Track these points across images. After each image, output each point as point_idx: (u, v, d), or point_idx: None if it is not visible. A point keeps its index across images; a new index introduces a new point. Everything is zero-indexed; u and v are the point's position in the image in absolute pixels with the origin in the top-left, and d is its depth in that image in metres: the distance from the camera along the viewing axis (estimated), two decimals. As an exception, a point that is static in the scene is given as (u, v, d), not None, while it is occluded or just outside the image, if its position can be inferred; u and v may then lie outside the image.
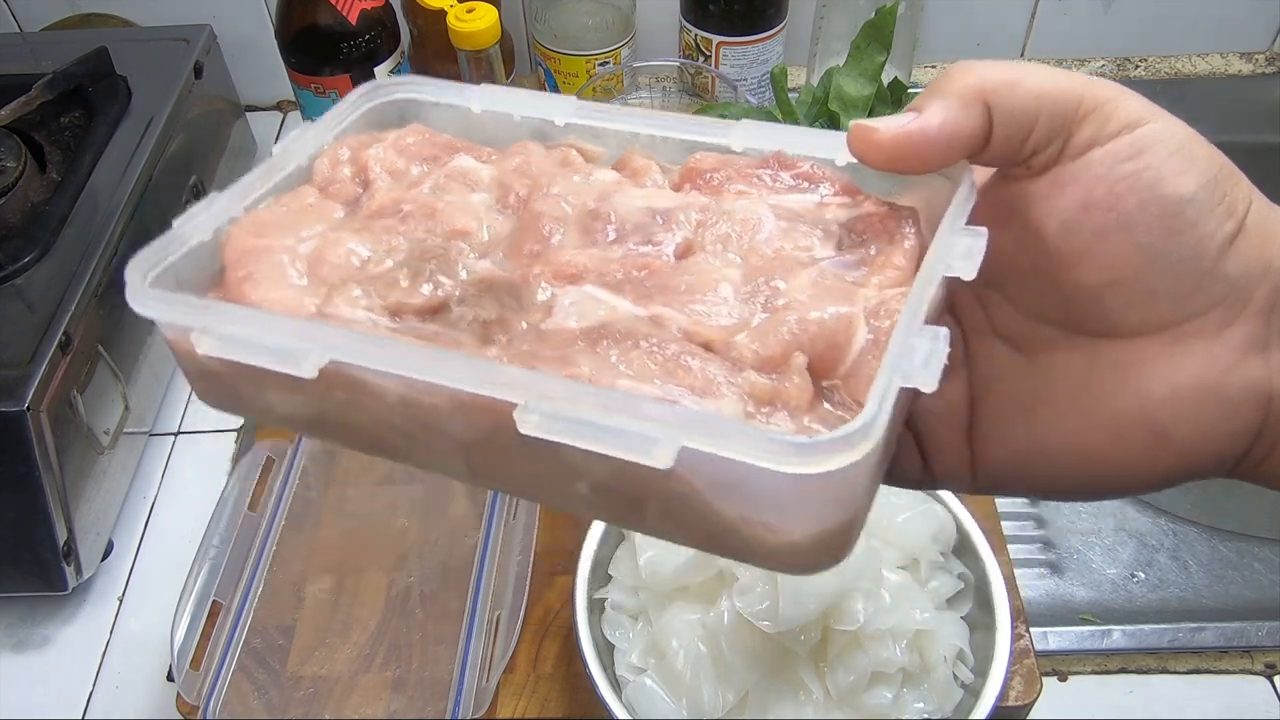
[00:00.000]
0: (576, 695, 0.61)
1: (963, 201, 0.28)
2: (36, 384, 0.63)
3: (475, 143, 0.35)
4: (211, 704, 0.59)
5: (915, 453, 0.32)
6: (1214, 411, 0.27)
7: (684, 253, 0.30)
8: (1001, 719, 0.56)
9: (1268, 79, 1.10)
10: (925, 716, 0.53)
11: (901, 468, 0.32)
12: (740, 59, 0.90)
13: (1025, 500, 0.79)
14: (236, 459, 0.78)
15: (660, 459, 0.23)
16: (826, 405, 0.26)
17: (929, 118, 0.27)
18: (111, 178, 0.78)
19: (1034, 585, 0.73)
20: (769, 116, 0.74)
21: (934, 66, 1.11)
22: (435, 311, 0.29)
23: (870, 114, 0.73)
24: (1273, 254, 0.26)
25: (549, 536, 0.68)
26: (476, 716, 0.59)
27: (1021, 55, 1.11)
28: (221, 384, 0.30)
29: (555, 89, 0.96)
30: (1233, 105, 1.08)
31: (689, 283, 0.28)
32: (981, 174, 0.29)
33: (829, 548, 0.26)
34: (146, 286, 0.28)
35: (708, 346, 0.27)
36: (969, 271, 0.26)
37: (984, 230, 0.27)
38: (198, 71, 0.90)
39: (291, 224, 0.31)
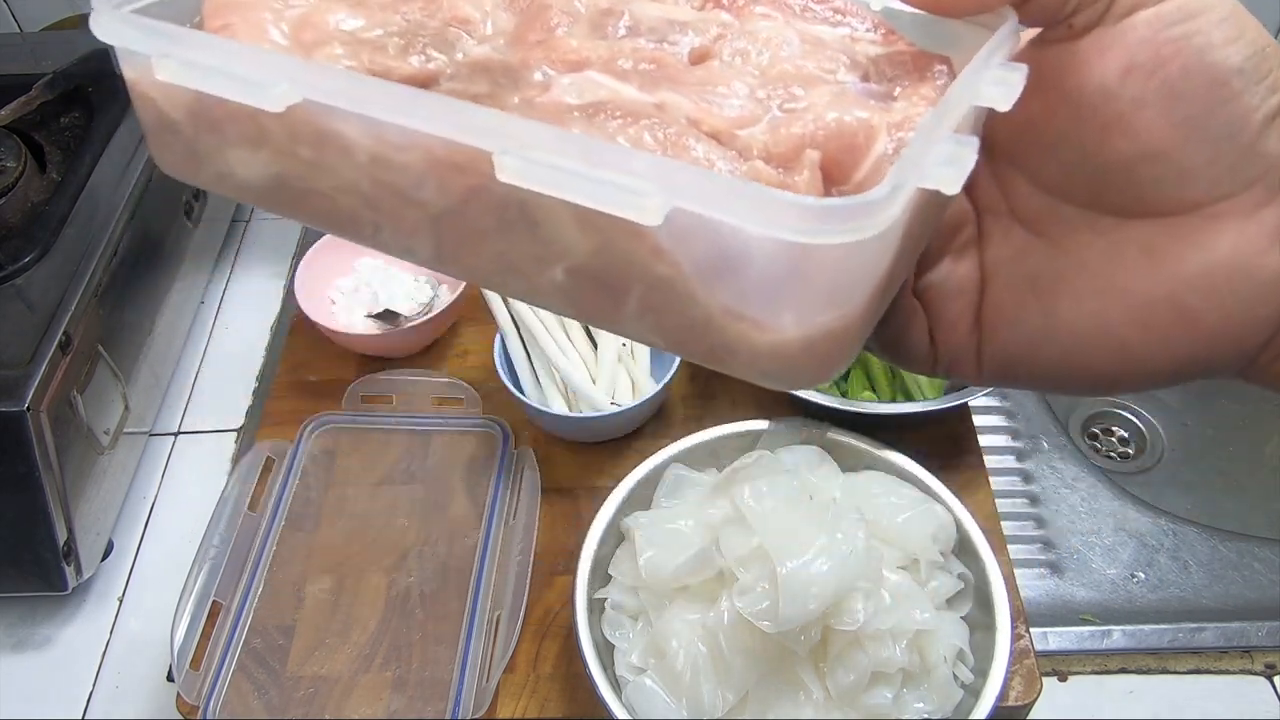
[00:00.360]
0: (576, 695, 0.61)
1: (1003, 38, 0.26)
2: (36, 384, 0.63)
3: None
4: (211, 704, 0.59)
5: (924, 327, 0.31)
6: (1245, 294, 0.26)
7: (699, 59, 0.28)
8: (1001, 719, 0.56)
9: (1267, 79, 1.10)
10: (925, 716, 0.53)
11: (910, 341, 0.31)
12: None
13: (1025, 500, 0.79)
14: (236, 459, 0.78)
15: (650, 214, 0.21)
16: None
17: None
18: (111, 178, 0.78)
19: (1034, 585, 0.73)
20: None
21: (934, 67, 1.11)
22: (423, 85, 0.27)
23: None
24: None
25: (549, 536, 0.68)
26: (476, 716, 0.59)
27: (1021, 55, 1.10)
28: (181, 138, 0.28)
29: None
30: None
31: (700, 78, 0.26)
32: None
33: (818, 356, 0.24)
34: (116, 10, 0.26)
35: (715, 137, 0.25)
36: (1004, 101, 0.25)
37: (1024, 67, 0.25)
38: (198, 71, 0.90)
39: None
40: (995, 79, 0.25)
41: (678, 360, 0.70)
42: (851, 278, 0.23)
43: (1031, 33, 0.28)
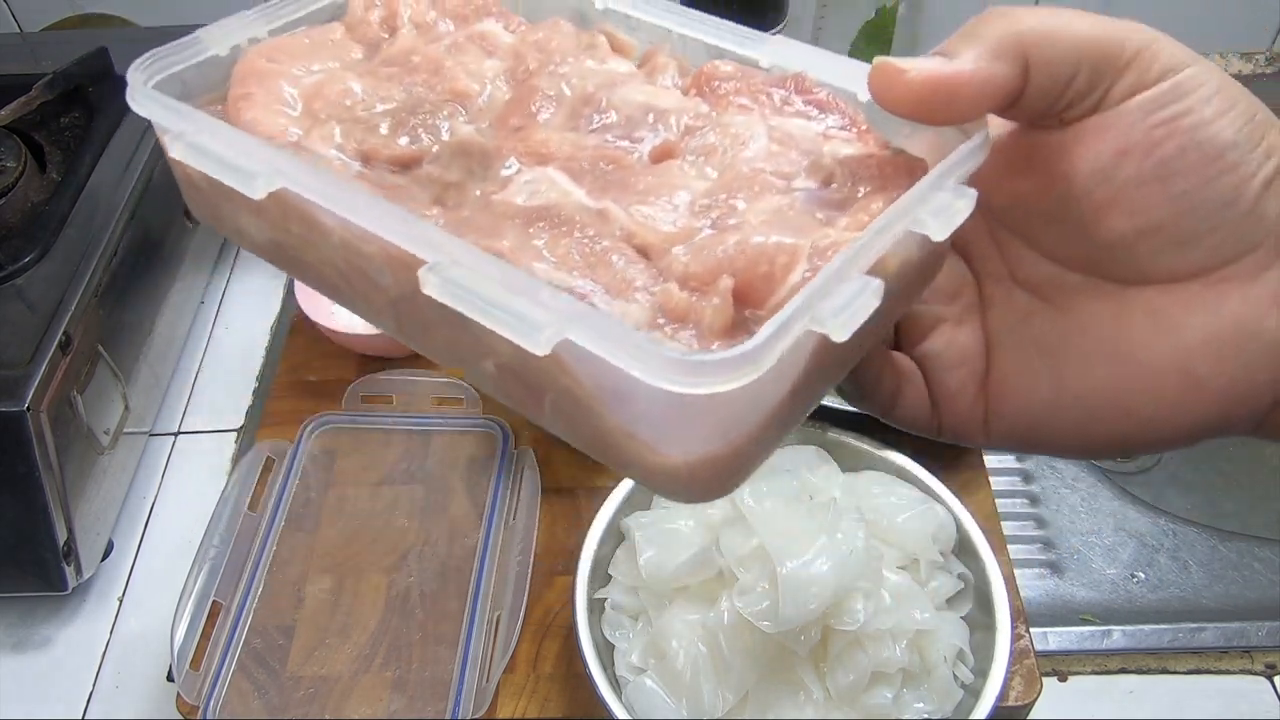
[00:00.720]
0: (576, 695, 0.61)
1: (964, 156, 0.26)
2: (36, 384, 0.63)
3: (513, 11, 0.35)
4: (211, 704, 0.59)
5: (924, 398, 0.31)
6: (1252, 357, 0.26)
7: (660, 156, 0.29)
8: (1001, 719, 0.56)
9: (1268, 79, 1.10)
10: (925, 717, 0.53)
11: (911, 414, 0.31)
12: (740, 59, 0.90)
13: (1025, 500, 0.79)
14: (236, 459, 0.78)
15: (540, 345, 0.22)
16: (747, 338, 0.25)
17: (962, 64, 0.25)
18: (111, 178, 0.78)
19: (1034, 585, 0.73)
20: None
21: (934, 66, 1.11)
22: (407, 165, 0.29)
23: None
24: None
25: (549, 536, 0.68)
26: (476, 716, 0.59)
27: (1021, 55, 1.10)
28: (205, 197, 0.32)
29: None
30: (1233, 105, 1.07)
31: (650, 184, 0.28)
32: (1002, 123, 0.28)
33: (708, 480, 0.25)
34: (145, 86, 0.30)
35: (644, 251, 0.26)
36: (939, 231, 0.25)
37: (973, 192, 0.25)
38: (198, 71, 0.90)
39: (306, 55, 0.32)
40: (937, 208, 0.25)
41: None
42: (734, 416, 0.24)
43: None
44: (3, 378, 0.63)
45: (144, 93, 0.29)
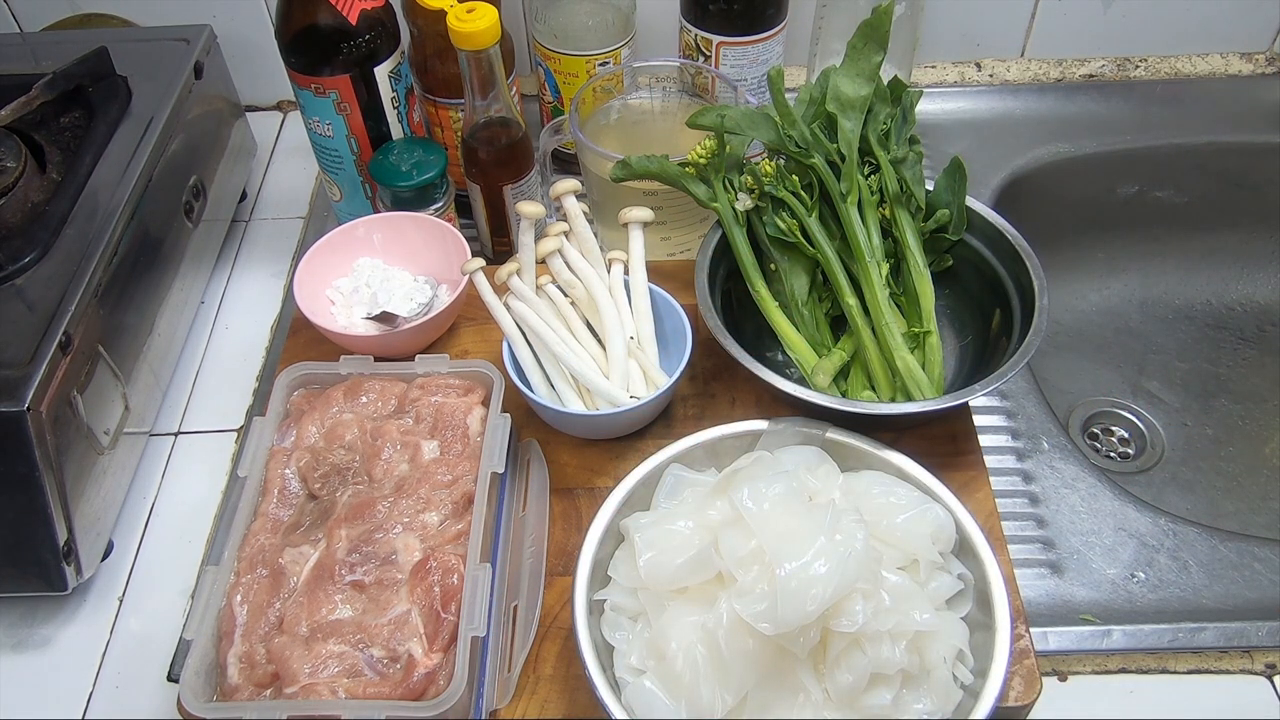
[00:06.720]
0: (576, 697, 0.61)
1: None
2: (36, 384, 0.63)
3: None
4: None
5: None
6: None
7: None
8: (1001, 719, 0.56)
9: (1268, 79, 1.10)
10: (925, 717, 0.53)
11: None
12: (740, 59, 0.90)
13: (1025, 500, 0.79)
14: (237, 459, 0.78)
15: None
16: None
17: None
18: (111, 178, 0.78)
19: (1034, 585, 0.72)
20: (767, 117, 0.74)
21: (934, 66, 1.11)
22: None
23: (868, 113, 0.73)
24: None
25: (548, 537, 0.68)
26: (500, 706, 0.59)
27: (1022, 55, 1.11)
28: None
29: (555, 89, 0.96)
30: (1233, 105, 1.07)
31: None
32: None
33: None
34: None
35: None
36: None
37: None
38: (198, 71, 0.90)
39: None
40: None
41: (687, 351, 0.70)
42: None
43: None
44: (3, 378, 0.63)
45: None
